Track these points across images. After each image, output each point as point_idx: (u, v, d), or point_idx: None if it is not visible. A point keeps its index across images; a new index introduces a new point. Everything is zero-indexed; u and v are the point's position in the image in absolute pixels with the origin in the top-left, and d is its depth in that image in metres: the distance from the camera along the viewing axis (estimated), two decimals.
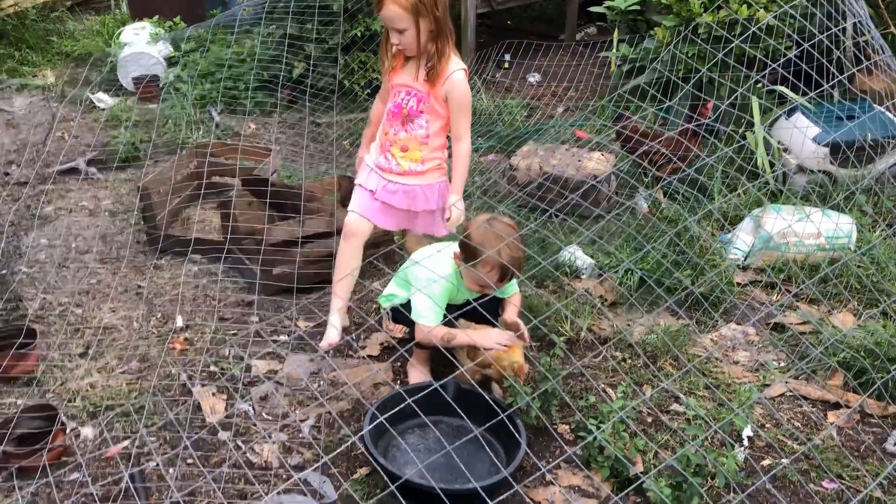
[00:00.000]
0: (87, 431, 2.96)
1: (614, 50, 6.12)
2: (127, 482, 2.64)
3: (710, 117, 4.70)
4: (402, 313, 3.26)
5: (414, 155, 3.29)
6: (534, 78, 7.47)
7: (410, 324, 3.22)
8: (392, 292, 3.35)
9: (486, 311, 3.00)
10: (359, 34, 6.42)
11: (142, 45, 6.97)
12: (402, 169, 3.31)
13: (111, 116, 6.07)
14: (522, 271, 3.29)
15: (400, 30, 3.03)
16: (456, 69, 3.16)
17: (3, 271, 3.99)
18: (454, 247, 3.19)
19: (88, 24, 8.16)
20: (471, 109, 3.30)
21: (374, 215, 3.38)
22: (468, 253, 3.01)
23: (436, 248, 3.32)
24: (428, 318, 3.10)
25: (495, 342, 3.05)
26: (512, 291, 3.30)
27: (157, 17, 7.33)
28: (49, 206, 4.83)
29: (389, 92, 3.31)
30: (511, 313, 3.24)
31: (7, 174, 5.20)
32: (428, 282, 3.08)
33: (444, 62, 3.13)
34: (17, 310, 3.67)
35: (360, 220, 3.37)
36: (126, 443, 2.90)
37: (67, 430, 2.92)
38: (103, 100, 6.53)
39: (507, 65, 7.74)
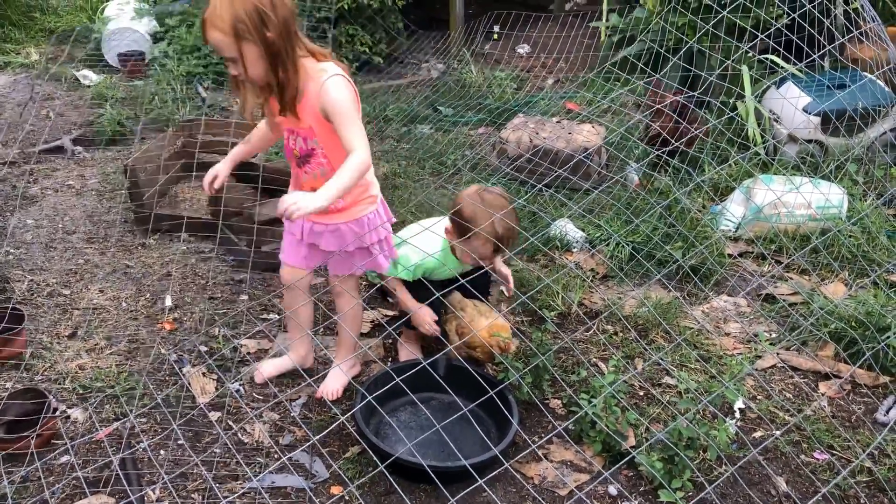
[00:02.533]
0: (77, 414, 2.94)
1: (604, 20, 6.07)
2: (116, 469, 2.63)
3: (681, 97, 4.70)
4: None
5: None
6: (523, 49, 7.43)
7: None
8: None
9: (476, 288, 2.98)
10: (346, 6, 6.37)
11: (126, 20, 6.91)
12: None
13: (96, 94, 6.01)
14: (517, 241, 3.23)
15: (231, 59, 2.45)
16: (326, 78, 2.53)
17: None
18: (444, 222, 3.15)
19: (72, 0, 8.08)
20: (357, 113, 2.57)
21: (306, 261, 3.01)
22: (460, 227, 2.97)
23: (424, 224, 3.28)
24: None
25: (422, 324, 3.11)
26: None
27: None
28: (35, 185, 4.78)
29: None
30: (498, 261, 3.24)
31: None
32: (417, 254, 3.08)
33: (293, 89, 2.53)
34: (4, 291, 3.65)
35: (292, 271, 3.04)
36: (116, 425, 2.89)
37: (57, 413, 2.90)
38: (88, 77, 6.47)
39: (496, 36, 7.69)
